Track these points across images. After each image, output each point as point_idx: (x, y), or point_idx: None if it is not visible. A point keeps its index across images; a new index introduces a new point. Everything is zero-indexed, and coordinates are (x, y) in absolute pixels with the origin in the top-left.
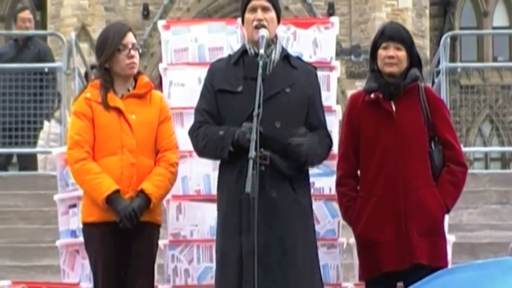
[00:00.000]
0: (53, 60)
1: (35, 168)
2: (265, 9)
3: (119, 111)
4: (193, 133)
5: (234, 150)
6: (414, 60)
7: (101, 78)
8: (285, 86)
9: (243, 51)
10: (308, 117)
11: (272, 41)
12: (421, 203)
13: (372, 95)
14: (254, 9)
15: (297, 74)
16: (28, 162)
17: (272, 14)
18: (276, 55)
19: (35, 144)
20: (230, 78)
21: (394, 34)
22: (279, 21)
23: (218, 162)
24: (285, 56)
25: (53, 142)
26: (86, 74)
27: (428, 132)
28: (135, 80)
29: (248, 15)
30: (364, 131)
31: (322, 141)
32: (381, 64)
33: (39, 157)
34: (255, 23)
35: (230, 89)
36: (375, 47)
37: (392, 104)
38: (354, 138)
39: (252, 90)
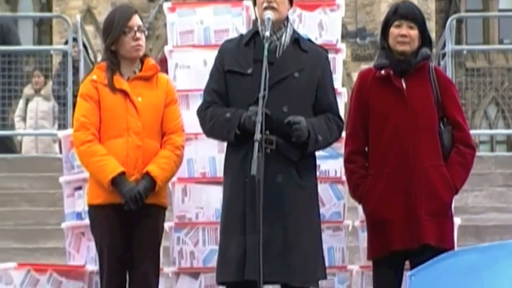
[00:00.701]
0: (16, 37)
1: (14, 150)
2: None
3: (125, 93)
4: (201, 113)
5: (240, 133)
6: (425, 40)
7: (107, 60)
8: (294, 71)
9: (255, 32)
10: (317, 100)
11: (284, 24)
12: (430, 184)
13: (383, 72)
14: None
15: (307, 58)
16: (3, 144)
17: None
18: (286, 38)
19: (12, 127)
20: (240, 60)
21: (407, 13)
22: (291, 3)
23: (224, 145)
24: (296, 40)
25: (41, 120)
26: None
27: (437, 112)
28: (142, 62)
29: None
30: (374, 107)
31: (329, 122)
32: (393, 42)
33: (29, 138)
34: (265, 4)
35: (240, 70)
36: (387, 24)
37: (403, 81)
38: (363, 115)
39: (261, 73)
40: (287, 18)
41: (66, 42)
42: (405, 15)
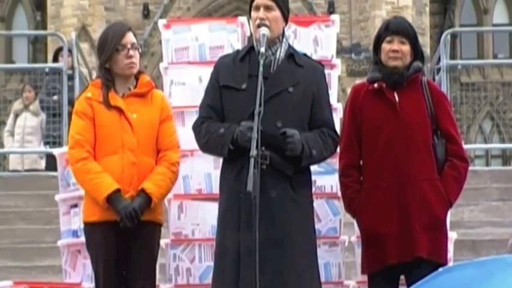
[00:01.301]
0: None
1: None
2: (267, 8)
3: (119, 110)
4: (196, 128)
5: (234, 148)
6: (417, 54)
7: (101, 77)
8: (288, 86)
9: (250, 48)
10: (312, 115)
11: (279, 40)
12: (424, 197)
13: (376, 85)
14: (258, 8)
15: (303, 73)
16: None
17: (275, 13)
18: (281, 53)
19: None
20: (235, 75)
21: (398, 28)
22: (286, 20)
23: (220, 161)
24: (290, 54)
25: (28, 135)
26: None
27: (431, 124)
28: (137, 79)
29: (252, 14)
30: (367, 121)
31: (323, 136)
32: (385, 58)
33: (13, 155)
34: (257, 21)
35: (235, 85)
36: (379, 40)
37: (396, 94)
38: (357, 129)
39: (256, 88)
40: (283, 34)
41: (55, 57)
42: (396, 31)
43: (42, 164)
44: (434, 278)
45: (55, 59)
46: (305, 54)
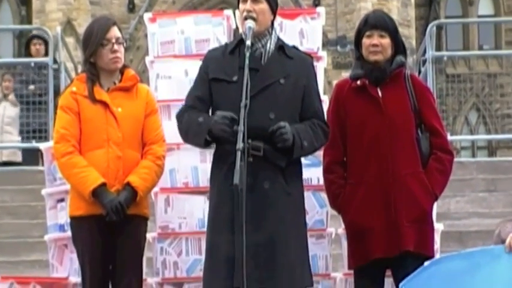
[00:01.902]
0: None
1: None
2: (255, 0)
3: (105, 104)
4: (179, 117)
5: (211, 139)
6: (399, 47)
7: (86, 72)
8: (279, 77)
9: (240, 40)
10: (303, 106)
11: (268, 32)
12: (410, 192)
13: (358, 82)
14: (245, 1)
15: (293, 64)
16: None
17: (262, 6)
18: (271, 45)
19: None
20: (226, 67)
21: (377, 22)
22: (274, 13)
23: (206, 154)
24: (280, 46)
25: (7, 126)
26: None
27: (415, 119)
28: (121, 73)
29: (240, 6)
30: (351, 117)
31: (314, 127)
32: (366, 53)
33: None
34: (244, 13)
35: (225, 78)
36: (359, 35)
37: (379, 90)
38: (341, 125)
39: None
40: (272, 26)
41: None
42: (375, 25)
43: (19, 155)
44: (423, 271)
45: (27, 48)
46: (294, 47)
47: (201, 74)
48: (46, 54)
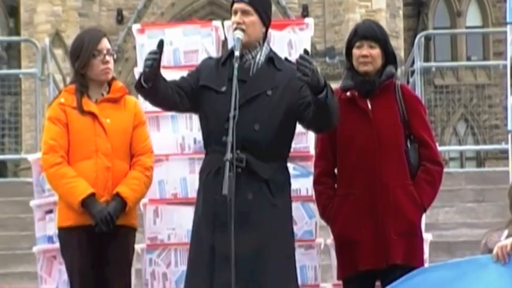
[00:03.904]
0: None
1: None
2: (245, 12)
3: (93, 115)
4: None
5: (146, 84)
6: (389, 57)
7: (76, 83)
8: (267, 89)
9: (231, 52)
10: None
11: (259, 44)
12: (398, 204)
13: (348, 93)
14: (235, 13)
15: (282, 76)
16: None
17: (252, 18)
18: (261, 57)
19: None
20: (216, 77)
21: (367, 33)
22: (266, 25)
23: (195, 166)
24: (270, 58)
25: None
26: None
27: (404, 130)
28: (109, 85)
29: (232, 18)
30: (341, 129)
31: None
32: (356, 63)
33: None
34: (234, 25)
35: (214, 87)
36: (349, 46)
37: (368, 102)
38: (331, 137)
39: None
40: (264, 38)
41: None
42: (365, 35)
43: None
44: (409, 279)
45: None
46: (286, 59)
47: (192, 71)
48: None
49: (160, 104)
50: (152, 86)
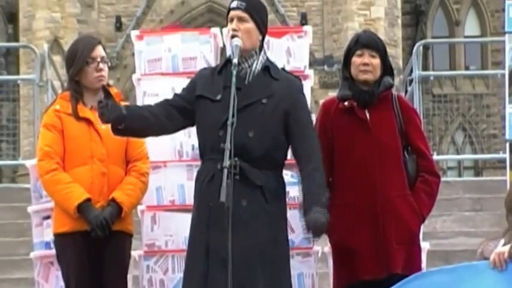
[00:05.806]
0: None
1: None
2: (241, 19)
3: (88, 121)
4: None
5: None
6: (387, 68)
7: (71, 90)
8: (262, 97)
9: (227, 60)
10: (295, 138)
11: (256, 52)
12: (399, 214)
13: (346, 103)
14: (231, 20)
15: (278, 86)
16: None
17: (248, 25)
18: (257, 65)
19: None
20: (212, 86)
21: (369, 42)
22: (263, 33)
23: (193, 172)
24: (266, 67)
25: None
26: None
27: (401, 141)
28: None
29: (228, 26)
30: (339, 139)
31: (317, 173)
32: (355, 71)
33: None
34: (230, 32)
35: (210, 96)
36: (349, 54)
37: (367, 112)
38: (327, 147)
39: (229, 99)
40: (261, 47)
41: None
42: (367, 44)
43: None
44: (405, 285)
45: None
46: (284, 69)
47: (188, 85)
48: None
49: (145, 135)
50: (125, 126)
